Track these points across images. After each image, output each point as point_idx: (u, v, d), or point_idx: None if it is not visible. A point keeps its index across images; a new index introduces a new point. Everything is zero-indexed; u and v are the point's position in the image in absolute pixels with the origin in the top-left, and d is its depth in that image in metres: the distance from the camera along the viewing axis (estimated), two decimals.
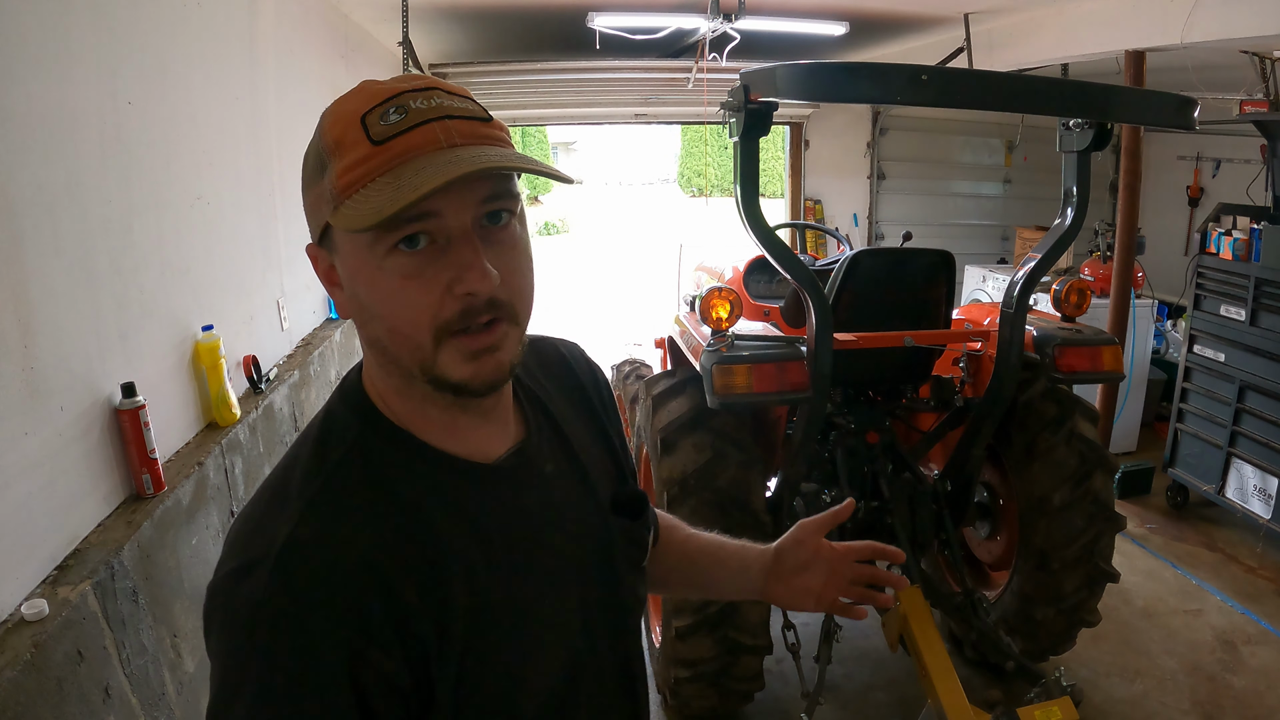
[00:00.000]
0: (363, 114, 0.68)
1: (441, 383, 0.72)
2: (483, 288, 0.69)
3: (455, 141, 0.68)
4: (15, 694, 1.31)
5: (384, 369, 0.75)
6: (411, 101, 0.69)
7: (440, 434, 0.77)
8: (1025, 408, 2.73)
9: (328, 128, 0.71)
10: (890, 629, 2.56)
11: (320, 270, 0.76)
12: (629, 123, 6.82)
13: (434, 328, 0.69)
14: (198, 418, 2.31)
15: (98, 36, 1.80)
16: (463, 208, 0.68)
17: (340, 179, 0.68)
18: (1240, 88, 4.21)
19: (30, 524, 1.55)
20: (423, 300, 0.69)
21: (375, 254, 0.68)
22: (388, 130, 0.67)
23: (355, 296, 0.72)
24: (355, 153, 0.67)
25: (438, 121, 0.68)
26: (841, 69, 2.07)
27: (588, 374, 0.99)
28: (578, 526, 0.85)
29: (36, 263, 1.57)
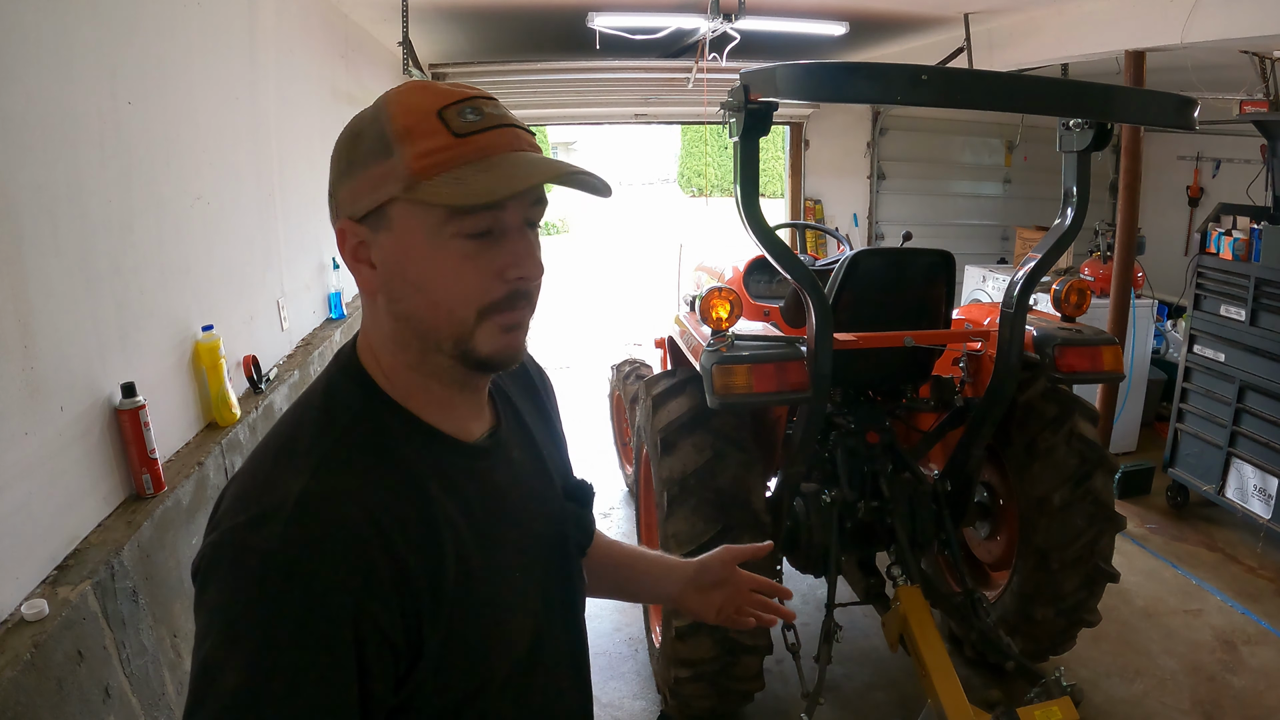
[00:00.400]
0: (439, 109, 0.75)
1: (471, 356, 0.79)
2: (536, 273, 0.79)
3: (523, 147, 0.78)
4: (15, 694, 1.31)
5: (400, 343, 0.80)
6: (483, 105, 0.77)
7: (433, 410, 0.83)
8: (1025, 408, 2.73)
9: (395, 115, 0.76)
10: (890, 629, 2.56)
11: (347, 246, 0.80)
12: (629, 123, 6.82)
13: (480, 305, 0.77)
14: (198, 418, 2.31)
15: (98, 36, 1.80)
16: (520, 206, 0.78)
17: (418, 159, 0.74)
18: (1240, 88, 4.20)
19: (30, 524, 1.55)
20: (476, 281, 0.76)
21: (442, 234, 0.75)
22: (469, 126, 0.75)
23: (401, 271, 0.77)
24: (435, 140, 0.74)
25: (508, 128, 0.78)
26: (841, 69, 2.07)
27: (537, 374, 1.08)
28: (541, 508, 0.93)
29: (36, 263, 1.57)
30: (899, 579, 2.63)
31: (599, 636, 3.31)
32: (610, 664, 3.16)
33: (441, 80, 5.49)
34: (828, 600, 2.61)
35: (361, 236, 0.78)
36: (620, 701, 2.95)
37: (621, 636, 3.33)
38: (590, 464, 5.05)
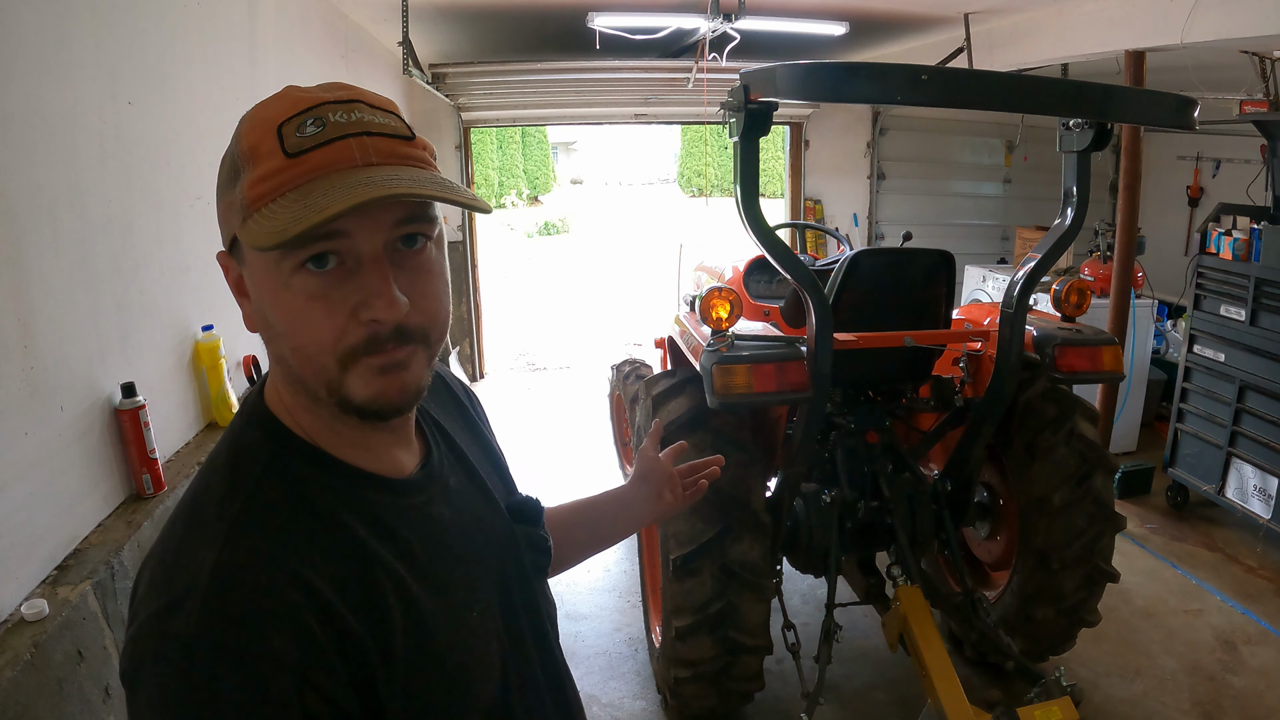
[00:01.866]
0: (280, 123, 0.66)
1: (347, 404, 0.69)
2: (389, 315, 0.66)
3: (371, 160, 0.66)
4: (15, 694, 1.31)
5: (292, 386, 0.73)
6: (331, 114, 0.66)
7: (352, 450, 0.75)
8: (1025, 408, 2.73)
9: (245, 134, 0.68)
10: (890, 629, 2.56)
11: (230, 279, 0.74)
12: (629, 123, 6.82)
13: (338, 353, 0.67)
14: (198, 418, 2.31)
15: (98, 36, 1.80)
16: (375, 230, 0.66)
17: (250, 190, 0.65)
18: (1240, 88, 4.21)
19: (30, 524, 1.55)
20: (327, 323, 0.66)
21: (281, 271, 0.66)
22: (302, 143, 0.65)
23: (261, 311, 0.70)
24: (268, 164, 0.65)
25: (355, 138, 0.66)
26: (841, 69, 2.07)
27: (462, 390, 1.01)
28: (488, 537, 0.86)
29: (36, 263, 1.57)
30: (899, 579, 2.63)
31: (599, 637, 3.31)
32: (610, 664, 3.16)
33: (443, 80, 5.49)
34: (828, 600, 2.61)
35: (236, 270, 0.72)
36: (620, 701, 2.95)
37: (621, 636, 3.33)
38: (590, 464, 5.06)
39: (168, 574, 0.66)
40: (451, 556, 0.78)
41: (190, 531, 0.68)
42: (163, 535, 0.71)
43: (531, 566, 0.91)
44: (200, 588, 0.62)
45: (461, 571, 0.79)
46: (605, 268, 14.73)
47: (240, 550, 0.65)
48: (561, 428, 5.81)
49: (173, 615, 0.62)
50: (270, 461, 0.72)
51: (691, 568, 2.40)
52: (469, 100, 5.97)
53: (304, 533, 0.68)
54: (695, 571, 2.41)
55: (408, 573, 0.72)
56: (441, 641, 0.73)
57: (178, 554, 0.67)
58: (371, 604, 0.68)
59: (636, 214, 23.71)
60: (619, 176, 32.99)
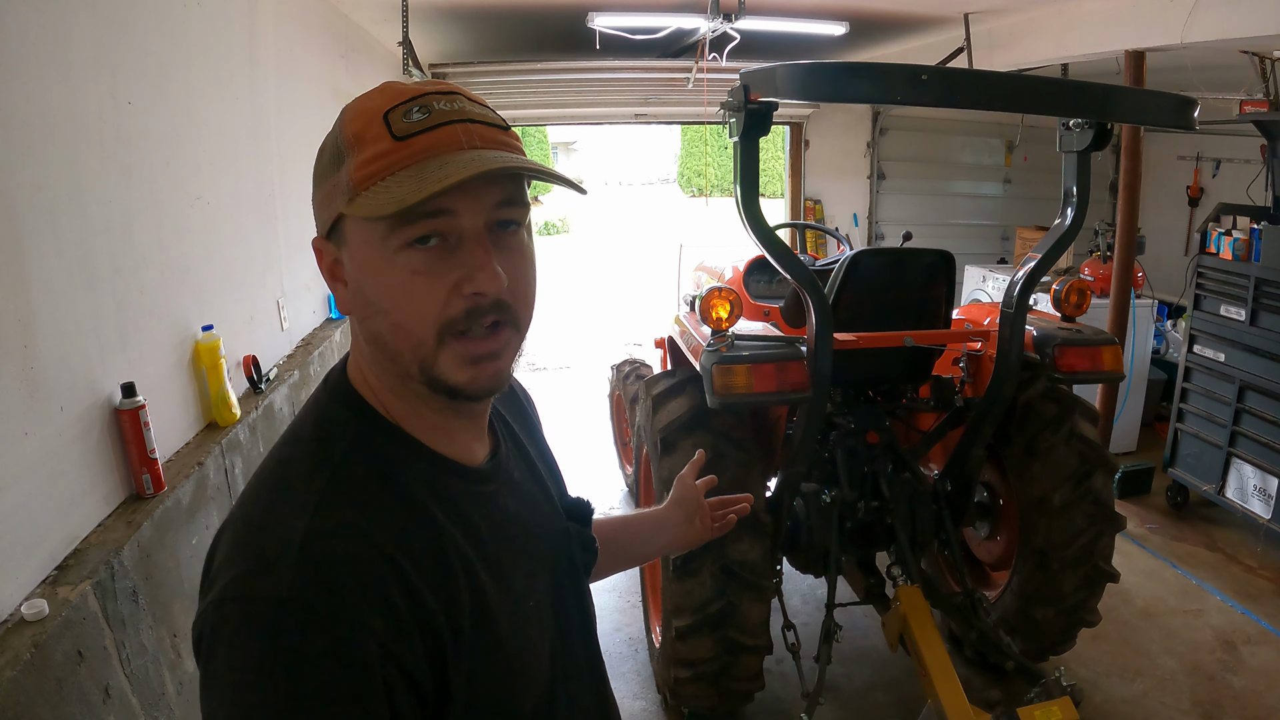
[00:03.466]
0: (385, 111, 0.69)
1: (438, 384, 0.72)
2: (492, 288, 0.69)
3: (476, 144, 0.69)
4: (15, 694, 1.31)
5: (381, 366, 0.75)
6: (435, 102, 0.70)
7: (431, 434, 0.77)
8: (1025, 408, 2.73)
9: (348, 122, 0.71)
10: (890, 629, 2.56)
11: (324, 265, 0.76)
12: (629, 123, 6.82)
13: (439, 325, 0.70)
14: (198, 418, 2.31)
15: (98, 36, 1.80)
16: (478, 209, 0.69)
17: (359, 171, 0.68)
18: (1240, 88, 4.20)
19: (30, 524, 1.55)
20: (430, 296, 0.69)
21: (388, 248, 0.69)
22: (411, 127, 0.68)
23: (361, 290, 0.72)
24: (376, 146, 0.68)
25: (460, 124, 0.70)
26: (841, 69, 2.07)
27: (522, 392, 1.05)
28: (546, 531, 0.89)
29: (36, 263, 1.57)
30: (899, 579, 2.63)
31: (599, 636, 3.30)
32: (610, 664, 3.11)
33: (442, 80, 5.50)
34: (828, 600, 2.61)
35: (334, 254, 0.74)
36: (620, 701, 2.93)
37: (621, 636, 3.33)
38: (590, 464, 5.06)
39: (255, 538, 0.67)
40: (514, 547, 0.81)
41: (278, 498, 0.70)
42: (245, 500, 0.72)
43: (582, 565, 0.95)
44: (293, 553, 0.64)
45: (522, 562, 0.82)
46: (605, 268, 14.73)
47: (330, 520, 0.67)
48: (561, 428, 5.81)
49: (263, 577, 0.63)
50: (357, 438, 0.74)
51: (691, 568, 2.40)
52: None
53: (387, 509, 0.70)
54: (695, 571, 2.41)
55: (476, 558, 0.74)
56: (503, 627, 0.75)
57: (265, 519, 0.68)
58: (445, 584, 0.70)
59: (636, 214, 23.70)
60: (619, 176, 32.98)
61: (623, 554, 1.23)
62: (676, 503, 1.25)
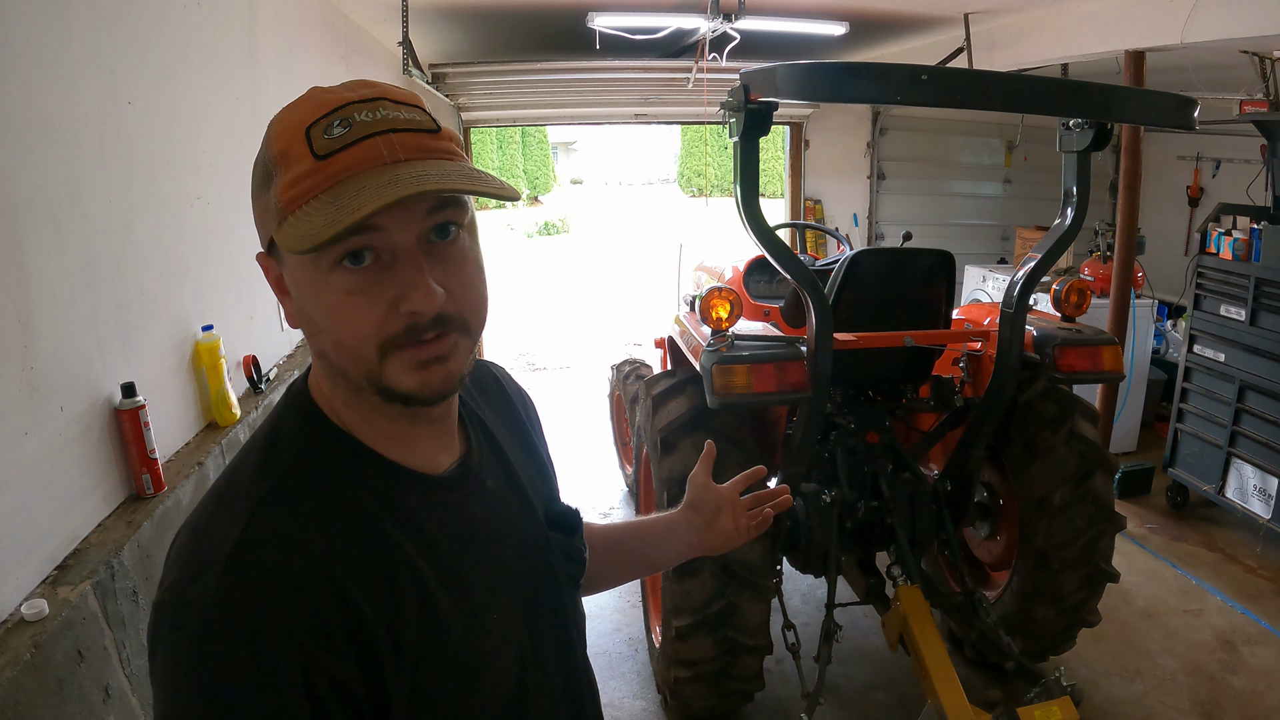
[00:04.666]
0: (308, 126, 0.67)
1: (389, 393, 0.71)
2: (427, 307, 0.67)
3: (399, 157, 0.67)
4: (15, 694, 1.31)
5: (332, 379, 0.75)
6: (356, 114, 0.67)
7: (388, 443, 0.76)
8: (1025, 408, 2.73)
9: (274, 138, 0.69)
10: (890, 629, 2.56)
11: (270, 279, 0.75)
12: (629, 123, 6.82)
13: (379, 343, 0.68)
14: (198, 418, 2.31)
15: (98, 36, 1.80)
16: (407, 224, 0.67)
17: (284, 193, 0.67)
18: (1240, 88, 4.20)
19: (30, 524, 1.55)
20: (367, 316, 0.67)
21: (319, 269, 0.67)
22: (330, 145, 0.66)
23: (302, 308, 0.71)
24: (299, 167, 0.66)
25: (381, 136, 0.67)
26: (841, 69, 2.07)
27: (517, 395, 1.01)
28: (519, 540, 0.85)
29: (36, 263, 1.57)
30: (899, 579, 2.63)
31: (599, 637, 3.31)
32: (610, 664, 3.16)
33: (443, 80, 5.49)
34: (828, 600, 2.61)
35: (276, 270, 0.73)
36: (620, 701, 2.95)
37: (621, 636, 3.33)
38: (590, 464, 5.06)
39: (194, 545, 0.68)
40: (477, 556, 0.79)
41: (220, 506, 0.71)
42: (198, 507, 0.73)
43: (563, 575, 0.91)
44: (219, 562, 0.65)
45: (486, 572, 0.80)
46: (605, 268, 14.73)
47: (263, 529, 0.67)
48: (562, 428, 5.81)
49: (192, 585, 0.65)
50: (305, 446, 0.74)
51: (691, 568, 2.40)
52: (469, 100, 5.97)
53: (328, 518, 0.70)
54: (695, 571, 2.41)
55: (429, 568, 0.73)
56: (455, 638, 0.74)
57: (206, 527, 0.69)
58: (387, 594, 0.69)
59: (636, 214, 23.70)
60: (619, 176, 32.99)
61: (631, 560, 1.19)
62: (691, 506, 1.17)
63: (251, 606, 0.63)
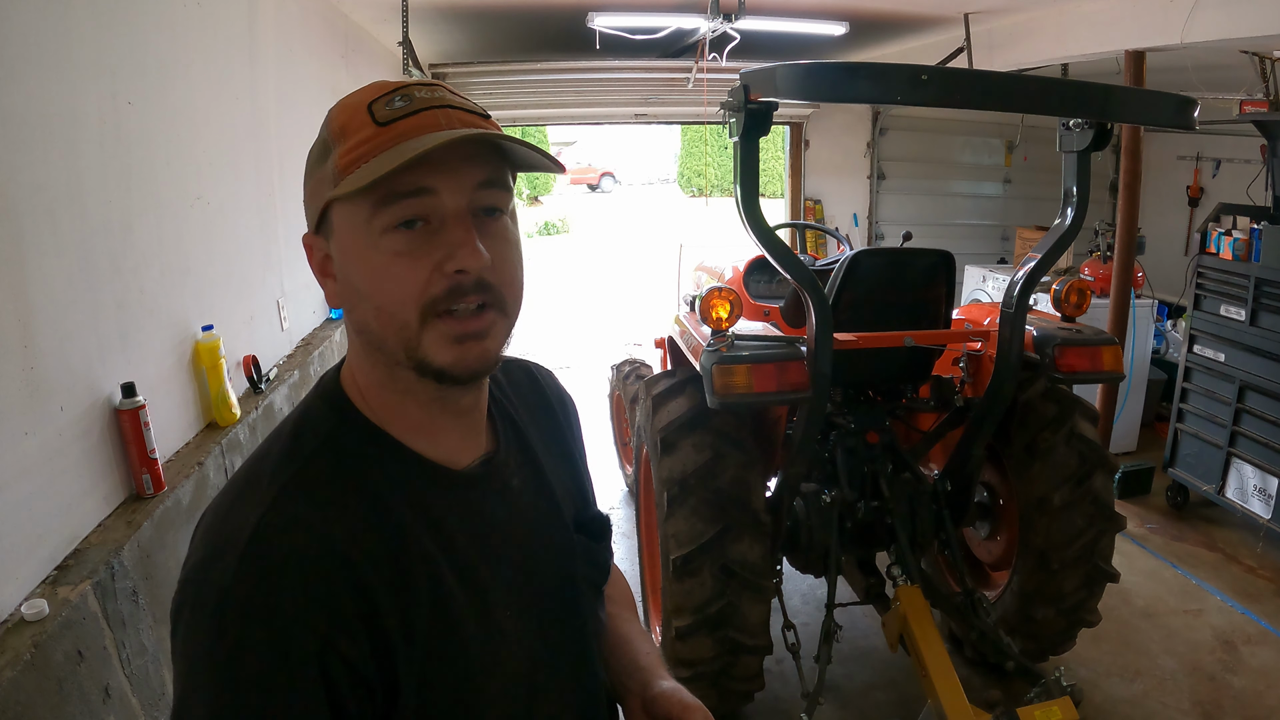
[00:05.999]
0: (369, 101, 0.72)
1: (425, 366, 0.72)
2: (473, 263, 0.70)
3: (455, 126, 0.71)
4: (15, 694, 1.31)
5: (369, 359, 0.76)
6: (417, 91, 0.72)
7: (415, 434, 0.77)
8: (1025, 408, 2.73)
9: (334, 117, 0.74)
10: (890, 629, 2.56)
11: (314, 261, 0.77)
12: (629, 123, 6.82)
13: (421, 304, 0.70)
14: (198, 418, 2.31)
15: (98, 36, 1.80)
16: (458, 188, 0.70)
17: (343, 158, 0.70)
18: (1240, 88, 4.20)
19: (30, 524, 1.55)
20: (412, 276, 0.70)
21: (371, 231, 0.70)
22: (393, 114, 0.71)
23: (347, 279, 0.73)
24: (360, 134, 0.71)
25: (440, 109, 0.72)
26: (841, 69, 2.07)
27: (557, 398, 1.01)
28: (541, 542, 0.85)
29: (36, 263, 1.57)
30: (899, 579, 2.63)
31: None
32: None
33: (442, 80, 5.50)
34: (828, 600, 2.61)
35: (323, 249, 0.76)
36: None
37: None
38: (590, 464, 5.05)
39: (218, 526, 0.70)
40: (495, 555, 0.80)
41: (244, 490, 0.72)
42: (224, 490, 0.75)
43: (584, 580, 0.90)
44: (240, 543, 0.66)
45: (504, 571, 0.80)
46: (605, 268, 14.73)
47: (283, 514, 0.69)
48: None
49: (214, 565, 0.67)
50: (330, 435, 0.75)
51: (691, 568, 2.40)
52: None
53: (348, 506, 0.71)
54: (695, 571, 2.41)
55: (445, 562, 0.74)
56: (468, 635, 0.75)
57: (230, 509, 0.71)
58: (402, 584, 0.71)
59: (636, 214, 23.70)
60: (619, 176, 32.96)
61: None
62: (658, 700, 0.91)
63: (269, 588, 0.65)
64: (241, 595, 0.64)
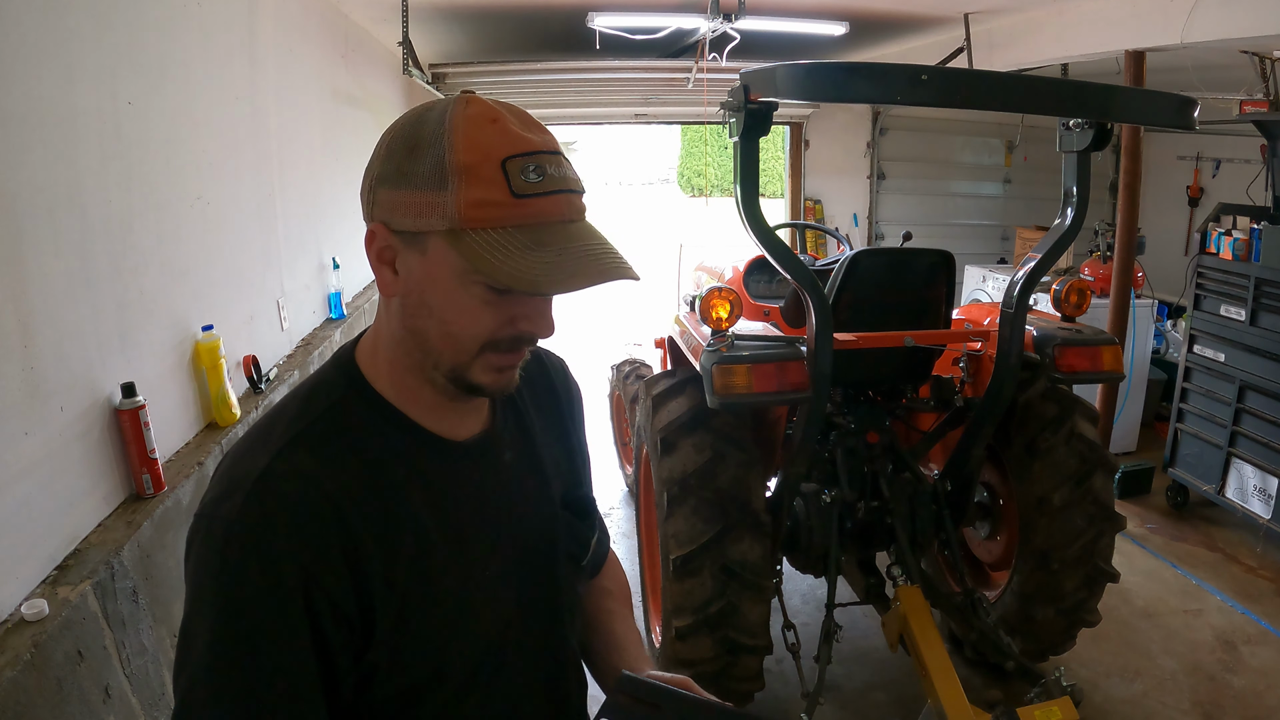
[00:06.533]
0: (503, 159, 0.74)
1: (464, 383, 0.82)
2: (546, 336, 0.82)
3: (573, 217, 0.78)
4: (15, 694, 1.31)
5: (405, 349, 0.83)
6: (547, 165, 0.76)
7: (421, 410, 0.85)
8: (1025, 408, 2.73)
9: (461, 148, 0.73)
10: (890, 629, 2.56)
11: (374, 247, 0.80)
12: (629, 123, 6.82)
13: (484, 342, 0.79)
14: (198, 418, 2.31)
15: (98, 36, 1.80)
16: None
17: (470, 209, 0.73)
18: (1240, 88, 4.20)
19: (30, 524, 1.55)
20: (488, 322, 0.79)
21: (467, 282, 0.76)
22: (527, 188, 0.74)
23: (421, 295, 0.79)
24: (491, 193, 0.74)
25: (564, 195, 0.77)
26: (841, 69, 2.07)
27: (563, 385, 1.08)
28: (527, 513, 0.93)
29: (36, 263, 1.57)
30: (899, 579, 2.63)
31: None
32: None
33: (443, 80, 5.49)
34: (828, 600, 2.61)
35: (392, 244, 0.79)
36: None
37: None
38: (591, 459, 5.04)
39: (231, 469, 0.80)
40: (482, 518, 0.88)
41: (258, 439, 0.81)
42: (243, 437, 0.84)
43: (563, 551, 0.97)
44: (247, 485, 0.75)
45: (488, 532, 0.88)
46: None
47: (288, 462, 0.77)
48: None
49: (224, 502, 0.76)
50: (339, 400, 0.84)
51: (691, 568, 2.40)
52: None
53: (346, 463, 0.80)
54: (695, 571, 2.41)
55: (433, 521, 0.83)
56: (446, 586, 0.83)
57: (242, 454, 0.80)
58: (387, 533, 0.79)
59: (636, 214, 23.69)
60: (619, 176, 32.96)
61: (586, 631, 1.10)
62: None
63: (267, 525, 0.74)
64: (242, 530, 0.73)
